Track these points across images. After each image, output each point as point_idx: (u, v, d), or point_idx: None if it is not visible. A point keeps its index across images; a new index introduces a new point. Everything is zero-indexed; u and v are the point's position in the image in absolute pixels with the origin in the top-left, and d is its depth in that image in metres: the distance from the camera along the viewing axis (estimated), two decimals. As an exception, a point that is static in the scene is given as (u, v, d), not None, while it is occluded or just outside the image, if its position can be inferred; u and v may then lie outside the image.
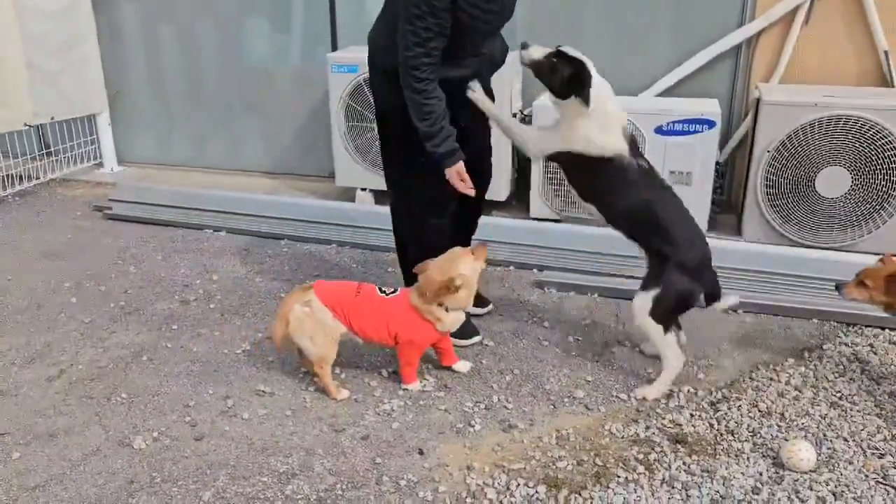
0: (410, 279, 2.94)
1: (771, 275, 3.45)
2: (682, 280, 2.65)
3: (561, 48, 2.66)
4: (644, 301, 2.68)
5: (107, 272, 3.86)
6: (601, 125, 2.65)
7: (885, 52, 3.91)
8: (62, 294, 3.61)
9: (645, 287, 2.71)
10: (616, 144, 2.66)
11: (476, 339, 3.08)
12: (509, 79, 4.01)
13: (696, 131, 3.87)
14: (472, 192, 2.83)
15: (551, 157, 2.84)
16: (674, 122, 3.87)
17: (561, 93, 2.67)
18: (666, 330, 2.70)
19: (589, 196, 2.81)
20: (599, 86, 2.61)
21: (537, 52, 2.69)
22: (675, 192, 2.78)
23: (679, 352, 2.75)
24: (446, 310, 2.68)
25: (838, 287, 2.73)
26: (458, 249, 2.73)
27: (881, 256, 2.72)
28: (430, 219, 3.01)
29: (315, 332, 2.67)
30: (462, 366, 2.88)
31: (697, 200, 3.94)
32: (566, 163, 2.80)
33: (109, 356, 3.05)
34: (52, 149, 5.44)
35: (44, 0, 4.88)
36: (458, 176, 2.79)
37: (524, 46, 2.71)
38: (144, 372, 2.94)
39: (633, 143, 2.71)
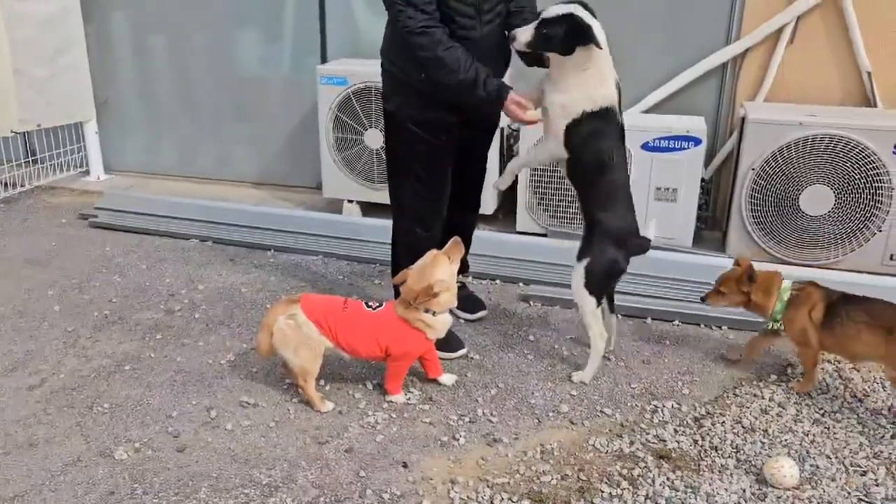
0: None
1: (755, 291, 3.46)
2: (608, 249, 2.78)
3: (543, 14, 2.64)
4: (578, 271, 2.81)
5: (91, 281, 3.83)
6: (601, 77, 2.66)
7: (868, 73, 3.97)
8: (45, 302, 3.58)
9: (579, 257, 2.83)
10: (610, 96, 2.69)
11: (462, 351, 3.08)
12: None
13: (682, 148, 3.90)
14: (535, 118, 2.73)
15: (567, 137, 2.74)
16: (660, 139, 3.91)
17: (567, 50, 2.62)
18: (598, 303, 2.83)
19: (569, 147, 2.77)
20: (598, 29, 2.62)
21: (525, 33, 2.65)
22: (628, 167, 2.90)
23: (603, 331, 2.89)
24: (433, 314, 2.69)
25: (703, 299, 2.97)
26: (432, 253, 2.73)
27: (735, 259, 2.99)
28: (417, 229, 3.03)
29: (299, 346, 2.66)
30: (447, 378, 2.88)
31: (683, 216, 3.98)
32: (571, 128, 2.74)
33: (92, 365, 3.02)
34: (38, 156, 5.41)
35: (33, 7, 4.86)
36: (516, 106, 2.70)
37: (511, 38, 2.69)
38: (127, 382, 2.91)
39: (619, 96, 2.73)
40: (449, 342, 3.00)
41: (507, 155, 4.45)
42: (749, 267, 2.83)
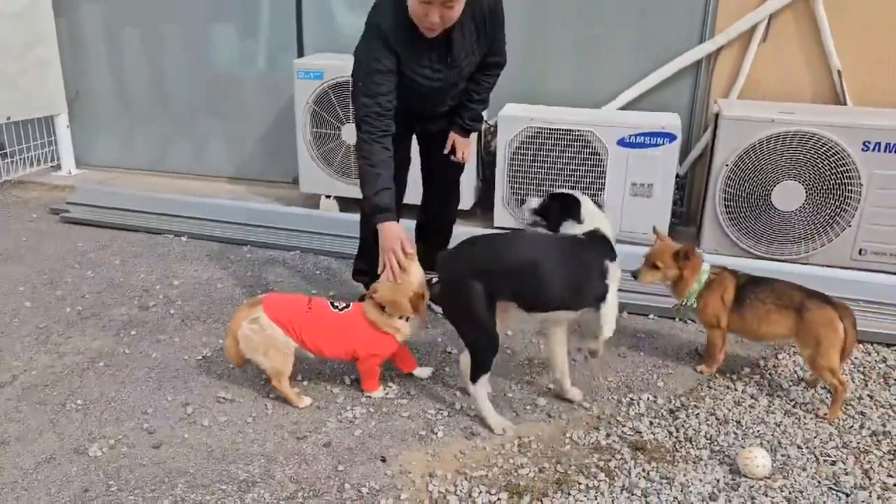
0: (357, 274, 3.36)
1: (728, 286, 3.51)
2: None
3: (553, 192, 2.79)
4: None
5: (63, 276, 3.77)
6: None
7: (839, 72, 4.04)
8: (16, 298, 3.52)
9: None
10: None
11: None
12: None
13: (657, 144, 3.94)
14: (395, 275, 2.68)
15: None
16: (636, 135, 3.94)
17: (556, 223, 2.70)
18: None
19: None
20: (592, 210, 2.68)
21: (533, 201, 2.81)
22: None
23: None
24: (406, 319, 2.69)
25: (635, 275, 2.95)
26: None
27: (654, 232, 3.01)
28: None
29: (267, 348, 2.64)
30: (423, 371, 2.89)
31: (658, 212, 4.02)
32: None
33: (65, 362, 2.98)
34: (8, 150, 5.32)
35: (3, 1, 4.78)
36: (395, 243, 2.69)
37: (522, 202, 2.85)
38: (101, 378, 2.88)
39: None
40: None
41: (483, 150, 4.46)
42: (689, 247, 2.87)
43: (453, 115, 3.09)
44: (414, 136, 3.18)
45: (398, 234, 2.68)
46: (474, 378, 2.57)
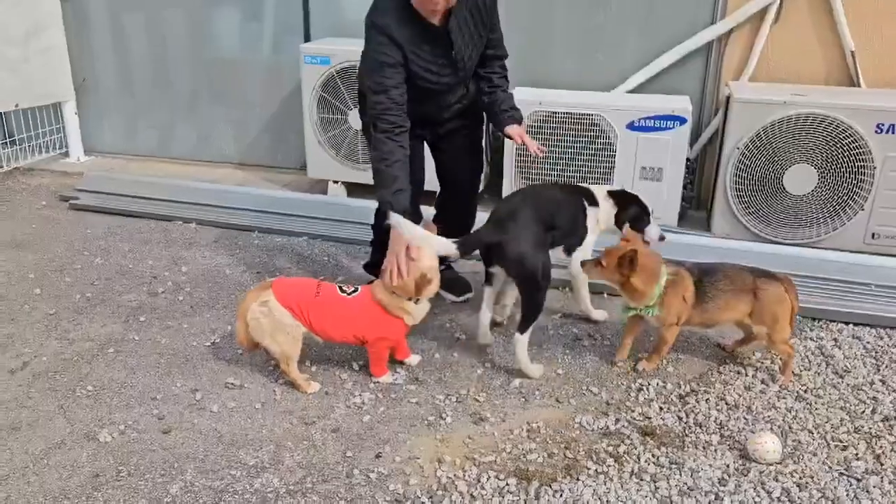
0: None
1: (739, 270, 3.48)
2: None
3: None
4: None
5: (72, 263, 3.78)
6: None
7: (852, 52, 3.97)
8: (26, 285, 3.54)
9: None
10: None
11: (468, 295, 3.32)
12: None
13: (667, 128, 3.90)
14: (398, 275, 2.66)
15: None
16: (646, 119, 3.90)
17: None
18: None
19: None
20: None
21: None
22: None
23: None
24: (416, 302, 2.68)
25: (582, 264, 2.86)
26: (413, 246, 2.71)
27: (624, 234, 2.91)
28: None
29: (275, 331, 2.64)
30: (413, 359, 2.89)
31: (668, 196, 3.99)
32: None
33: (75, 348, 3.00)
34: (17, 137, 5.33)
35: (6, -13, 4.79)
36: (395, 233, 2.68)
37: None
38: (111, 364, 2.89)
39: None
40: (456, 286, 3.39)
41: (492, 135, 4.43)
42: (633, 251, 2.67)
43: (458, 118, 3.10)
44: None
45: (406, 239, 2.65)
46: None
